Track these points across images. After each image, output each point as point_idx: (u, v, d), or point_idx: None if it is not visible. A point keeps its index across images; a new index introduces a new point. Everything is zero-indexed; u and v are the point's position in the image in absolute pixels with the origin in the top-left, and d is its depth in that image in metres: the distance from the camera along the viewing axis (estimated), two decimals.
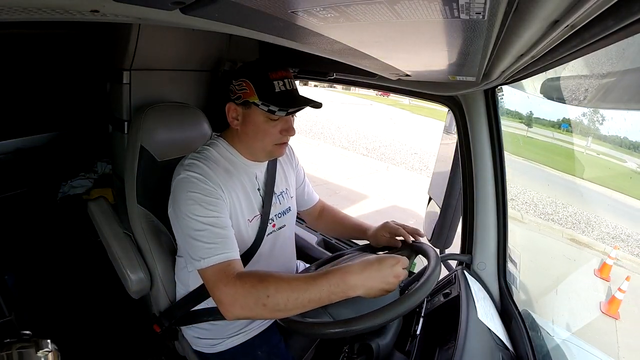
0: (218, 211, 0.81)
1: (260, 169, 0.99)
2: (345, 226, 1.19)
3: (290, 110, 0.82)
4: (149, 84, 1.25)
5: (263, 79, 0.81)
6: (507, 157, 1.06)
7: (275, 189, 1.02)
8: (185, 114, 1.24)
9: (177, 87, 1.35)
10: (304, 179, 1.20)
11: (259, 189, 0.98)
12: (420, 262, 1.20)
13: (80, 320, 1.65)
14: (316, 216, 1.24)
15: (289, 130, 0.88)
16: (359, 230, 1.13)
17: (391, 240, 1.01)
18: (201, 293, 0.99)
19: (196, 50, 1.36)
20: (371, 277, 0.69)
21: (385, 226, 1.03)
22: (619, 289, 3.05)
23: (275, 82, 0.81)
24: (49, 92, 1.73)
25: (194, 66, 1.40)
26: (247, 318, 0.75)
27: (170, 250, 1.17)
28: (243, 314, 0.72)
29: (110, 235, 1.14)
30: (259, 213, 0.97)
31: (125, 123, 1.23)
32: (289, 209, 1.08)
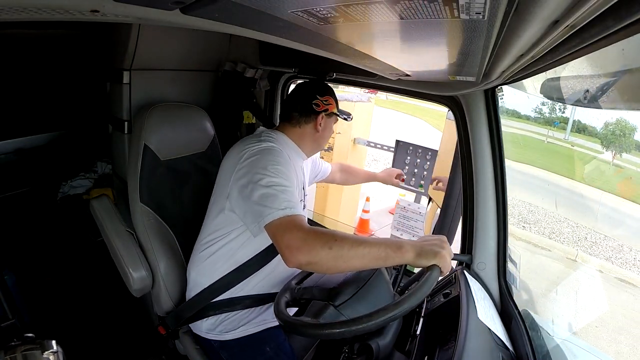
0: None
1: (304, 165, 1.15)
2: (358, 176, 1.60)
3: (351, 117, 1.20)
4: (149, 84, 1.25)
5: (335, 97, 1.11)
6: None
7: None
8: (189, 114, 1.25)
9: (177, 87, 1.35)
10: (314, 160, 1.40)
11: (302, 181, 1.12)
12: None
13: (80, 321, 1.65)
14: (336, 177, 1.53)
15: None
16: (370, 176, 1.61)
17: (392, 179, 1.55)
18: (229, 281, 1.02)
19: (196, 50, 1.36)
20: (420, 243, 0.77)
21: (386, 171, 1.57)
22: (363, 210, 3.53)
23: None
24: (49, 92, 1.73)
25: (194, 66, 1.40)
26: (309, 264, 0.76)
27: (173, 249, 1.17)
28: (307, 258, 0.75)
29: (113, 232, 1.14)
30: (302, 199, 1.09)
31: (126, 123, 1.23)
32: (304, 205, 1.17)
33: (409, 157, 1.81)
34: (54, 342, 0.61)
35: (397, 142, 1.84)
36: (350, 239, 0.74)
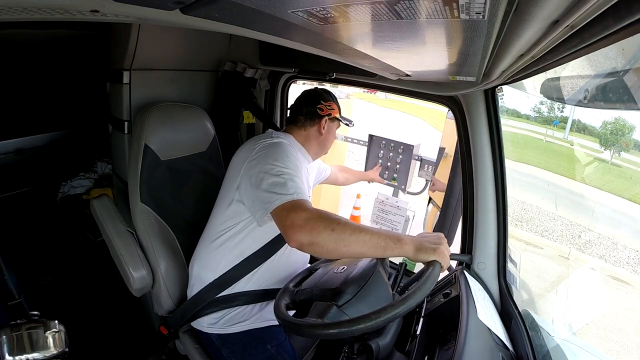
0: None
1: (309, 167, 1.19)
2: (355, 175, 1.74)
3: (353, 123, 1.25)
4: (149, 84, 1.25)
5: (338, 104, 1.19)
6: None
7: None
8: (189, 114, 1.25)
9: (177, 87, 1.35)
10: (319, 163, 1.44)
11: (307, 179, 1.13)
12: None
13: (80, 320, 1.65)
14: (338, 177, 1.63)
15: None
16: (363, 175, 1.77)
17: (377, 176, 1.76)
18: (233, 275, 1.03)
19: (196, 50, 1.36)
20: (418, 238, 0.78)
21: (374, 170, 1.77)
22: (354, 207, 3.55)
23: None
24: (50, 92, 1.73)
25: (194, 66, 1.40)
26: (310, 244, 0.75)
27: (173, 249, 1.17)
28: (309, 238, 0.75)
29: (113, 232, 1.14)
30: (309, 196, 1.11)
31: (125, 123, 1.23)
32: None
33: (382, 152, 1.83)
34: (56, 321, 0.63)
35: (371, 136, 1.86)
36: (353, 225, 0.75)
